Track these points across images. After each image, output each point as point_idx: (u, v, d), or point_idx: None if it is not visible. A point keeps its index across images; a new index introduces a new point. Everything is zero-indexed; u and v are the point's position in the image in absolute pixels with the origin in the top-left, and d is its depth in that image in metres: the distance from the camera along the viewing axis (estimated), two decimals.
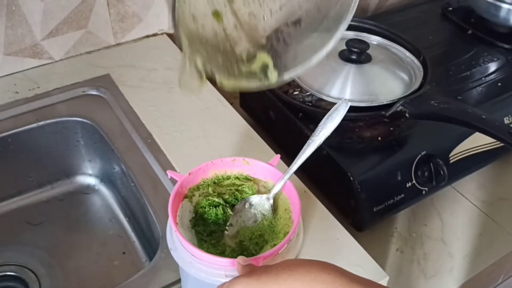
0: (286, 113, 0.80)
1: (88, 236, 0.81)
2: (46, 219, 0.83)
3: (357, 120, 0.78)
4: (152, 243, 0.74)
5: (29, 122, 0.81)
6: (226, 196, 0.57)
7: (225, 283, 0.44)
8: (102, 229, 0.82)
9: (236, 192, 0.57)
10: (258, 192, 0.58)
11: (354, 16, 0.57)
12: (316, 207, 0.71)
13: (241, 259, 0.47)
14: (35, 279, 0.74)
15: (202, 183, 0.58)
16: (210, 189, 0.57)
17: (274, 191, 0.56)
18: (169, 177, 0.58)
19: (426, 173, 0.75)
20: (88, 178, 0.88)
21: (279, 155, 0.60)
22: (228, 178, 0.59)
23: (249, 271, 0.44)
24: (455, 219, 0.80)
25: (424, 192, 0.76)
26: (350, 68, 0.80)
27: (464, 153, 0.79)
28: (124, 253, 0.79)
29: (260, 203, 0.56)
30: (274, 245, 0.52)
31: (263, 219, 0.55)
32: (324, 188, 0.77)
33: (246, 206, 0.56)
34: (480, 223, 0.80)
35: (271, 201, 0.56)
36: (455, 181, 0.81)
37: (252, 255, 0.52)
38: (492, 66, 0.93)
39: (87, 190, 0.87)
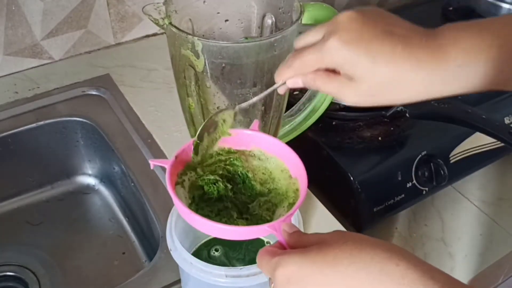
0: None
1: (88, 236, 0.81)
2: (46, 219, 0.82)
3: (357, 120, 0.78)
4: (152, 243, 0.73)
5: (29, 122, 0.80)
6: (220, 172, 0.53)
7: (274, 257, 0.40)
8: (102, 229, 0.82)
9: (228, 167, 0.54)
10: (247, 162, 0.54)
11: None
12: (316, 207, 0.71)
13: (286, 226, 0.43)
14: (35, 279, 0.74)
15: (188, 166, 0.54)
16: (199, 170, 0.54)
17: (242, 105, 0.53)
18: (152, 166, 0.52)
19: (426, 173, 0.75)
20: (88, 178, 0.88)
21: (257, 120, 0.56)
22: (211, 156, 0.55)
23: (301, 249, 0.40)
24: (455, 219, 0.80)
25: (424, 192, 0.76)
26: None
27: (464, 153, 0.79)
28: (124, 253, 0.79)
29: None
30: (290, 203, 0.49)
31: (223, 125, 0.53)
32: (324, 188, 0.77)
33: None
34: (480, 223, 0.80)
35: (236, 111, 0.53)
36: (455, 181, 0.81)
37: (268, 221, 0.49)
38: None
39: (87, 190, 0.87)
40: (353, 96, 0.46)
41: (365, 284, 0.36)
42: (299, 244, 0.41)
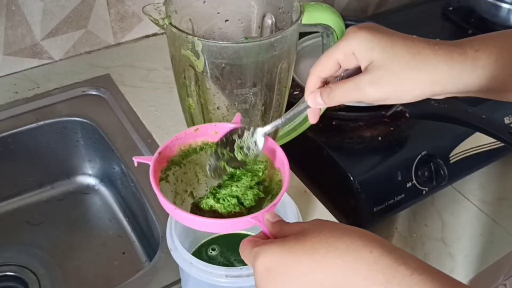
0: None
1: (88, 236, 0.81)
2: (46, 219, 0.82)
3: (358, 120, 0.78)
4: (152, 243, 0.74)
5: (29, 122, 0.80)
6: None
7: (254, 247, 0.40)
8: (102, 229, 0.82)
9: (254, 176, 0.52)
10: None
11: (354, 16, 0.58)
12: (316, 207, 0.71)
13: (269, 215, 0.43)
14: (35, 279, 0.74)
15: (172, 161, 0.54)
16: (183, 166, 0.54)
17: (265, 129, 0.51)
18: (136, 164, 0.53)
19: (426, 173, 0.75)
20: (88, 178, 0.88)
21: (239, 114, 0.55)
22: (195, 151, 0.55)
23: (281, 239, 0.40)
24: (455, 219, 0.80)
25: (424, 192, 0.76)
26: None
27: (464, 153, 0.79)
28: (124, 253, 0.79)
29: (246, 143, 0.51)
30: (273, 195, 0.50)
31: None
32: (324, 188, 0.77)
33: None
34: (480, 223, 0.80)
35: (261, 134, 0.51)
36: (455, 181, 0.81)
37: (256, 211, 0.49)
38: None
39: (87, 190, 0.87)
40: (373, 89, 0.45)
41: (341, 271, 0.37)
42: (281, 233, 0.42)
